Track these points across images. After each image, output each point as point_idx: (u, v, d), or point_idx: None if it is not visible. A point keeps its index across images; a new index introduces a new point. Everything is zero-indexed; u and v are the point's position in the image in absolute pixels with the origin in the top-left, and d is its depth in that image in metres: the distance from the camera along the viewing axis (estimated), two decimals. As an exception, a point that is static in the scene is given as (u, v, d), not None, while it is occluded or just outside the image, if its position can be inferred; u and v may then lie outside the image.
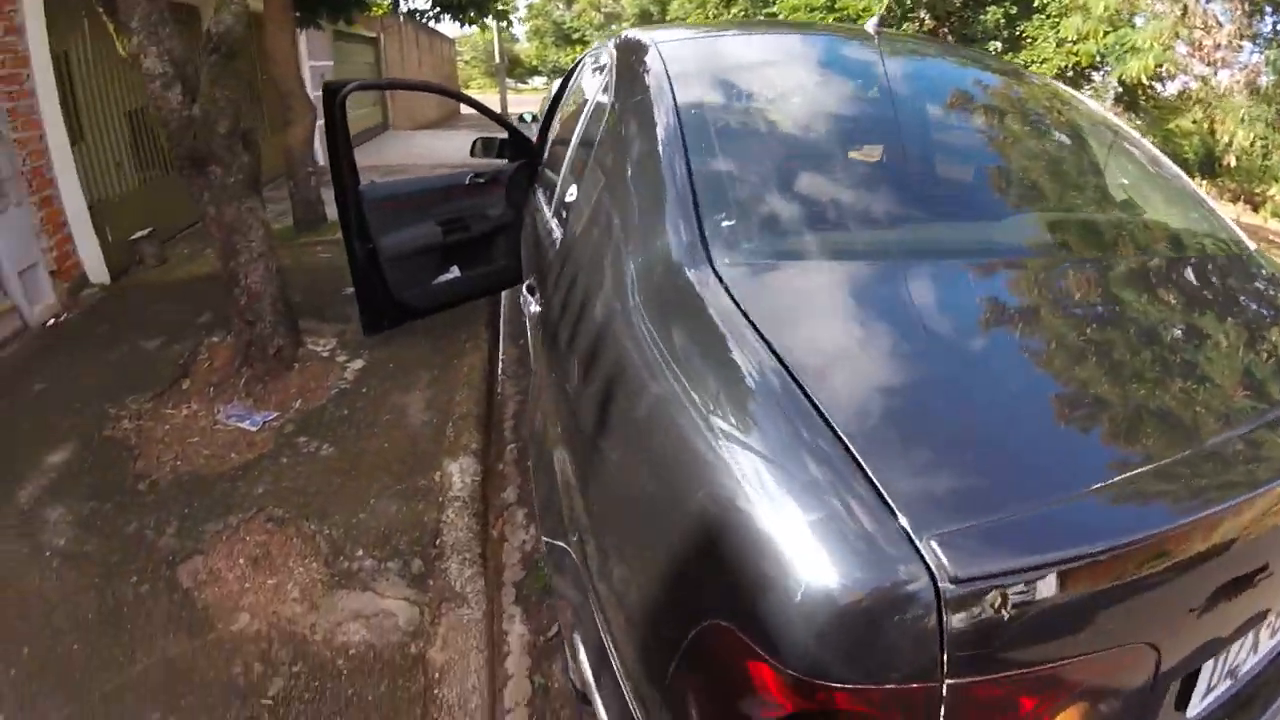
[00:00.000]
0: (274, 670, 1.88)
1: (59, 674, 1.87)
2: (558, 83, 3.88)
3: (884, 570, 0.67)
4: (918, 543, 0.68)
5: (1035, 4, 10.33)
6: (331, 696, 1.81)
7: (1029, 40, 10.74)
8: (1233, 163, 9.93)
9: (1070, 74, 10.66)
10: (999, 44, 11.02)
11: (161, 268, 5.12)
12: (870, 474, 0.74)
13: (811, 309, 1.08)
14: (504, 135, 3.81)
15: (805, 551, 0.70)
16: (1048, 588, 0.69)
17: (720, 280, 1.07)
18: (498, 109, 18.54)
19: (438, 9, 8.45)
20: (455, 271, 3.66)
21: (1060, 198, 1.64)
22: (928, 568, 0.66)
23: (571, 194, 1.79)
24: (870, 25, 1.96)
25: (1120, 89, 11.02)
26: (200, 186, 3.11)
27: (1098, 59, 9.21)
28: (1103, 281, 1.29)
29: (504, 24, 12.09)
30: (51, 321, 4.15)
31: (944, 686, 0.68)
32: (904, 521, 0.70)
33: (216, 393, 3.27)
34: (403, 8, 8.82)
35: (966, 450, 0.83)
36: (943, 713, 0.69)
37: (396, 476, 2.63)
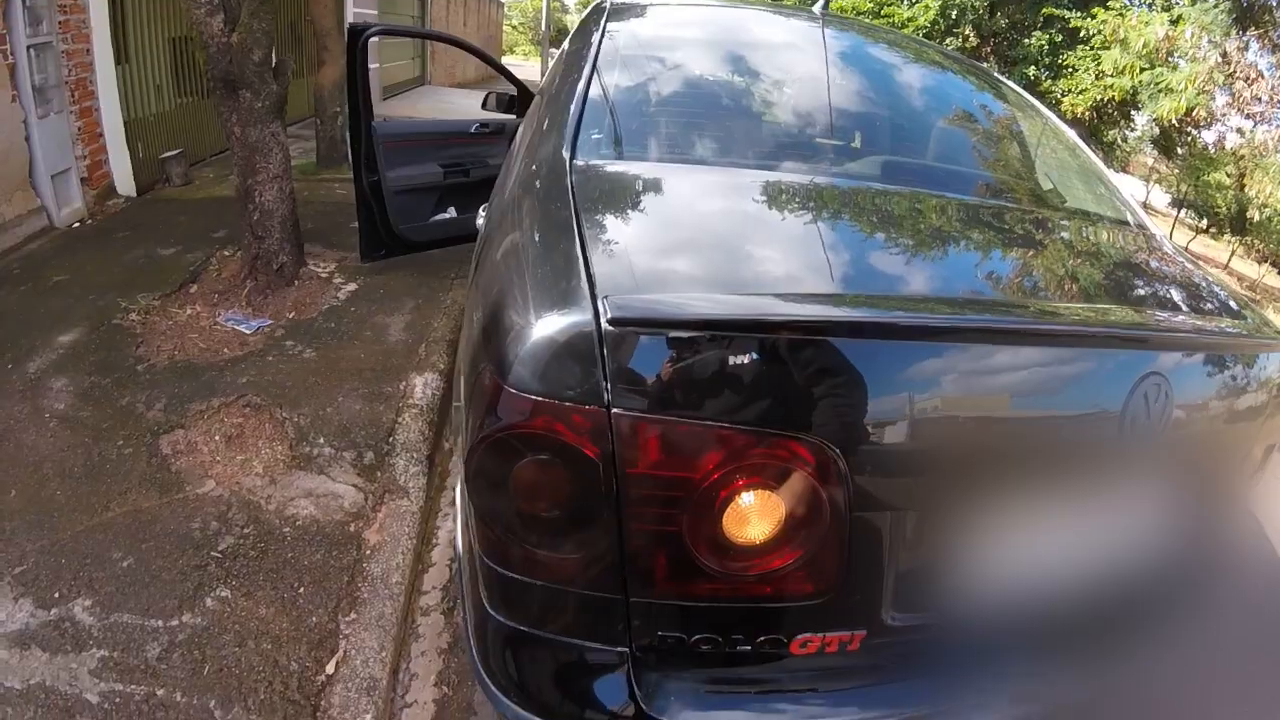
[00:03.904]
0: (227, 529, 2.10)
1: (40, 514, 2.10)
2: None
3: (572, 316, 0.92)
4: (598, 301, 0.91)
5: (1080, 35, 10.28)
6: (273, 556, 2.03)
7: (1069, 70, 10.66)
8: (1256, 217, 9.85)
9: (1109, 110, 10.61)
10: (1037, 69, 10.94)
11: (186, 187, 5.37)
12: (589, 264, 1.02)
13: (617, 181, 1.44)
14: (514, 92, 4.04)
15: (532, 307, 0.98)
16: (690, 346, 0.89)
17: (570, 166, 1.42)
18: (539, 76, 18.68)
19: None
20: (452, 212, 3.88)
21: (909, 147, 1.86)
22: (597, 316, 0.90)
23: (521, 126, 2.02)
24: (817, 7, 2.17)
25: (1158, 133, 10.94)
26: (230, 108, 3.34)
27: (1130, 95, 9.15)
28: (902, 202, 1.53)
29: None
30: (76, 224, 4.41)
31: (610, 414, 0.88)
32: (597, 289, 0.95)
33: (220, 299, 3.50)
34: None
35: (671, 259, 1.16)
36: (615, 440, 0.89)
37: (366, 382, 2.85)
